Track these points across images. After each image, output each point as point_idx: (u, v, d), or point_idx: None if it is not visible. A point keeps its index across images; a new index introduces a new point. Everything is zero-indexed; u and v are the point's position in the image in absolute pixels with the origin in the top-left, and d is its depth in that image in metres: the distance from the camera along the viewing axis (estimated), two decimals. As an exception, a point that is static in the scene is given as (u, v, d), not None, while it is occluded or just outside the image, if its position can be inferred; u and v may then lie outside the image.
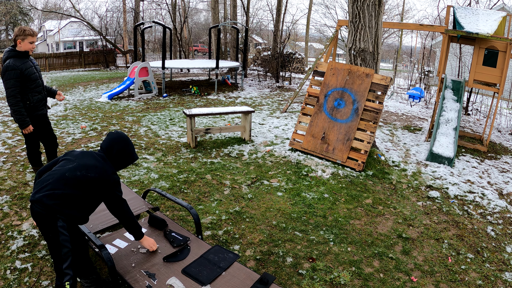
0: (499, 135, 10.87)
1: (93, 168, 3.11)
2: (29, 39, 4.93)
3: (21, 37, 4.88)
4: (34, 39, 5.03)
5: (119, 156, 3.37)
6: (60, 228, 2.93)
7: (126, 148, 3.40)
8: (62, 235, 2.94)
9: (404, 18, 40.39)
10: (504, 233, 5.19)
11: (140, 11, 31.47)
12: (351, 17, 7.33)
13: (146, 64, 13.62)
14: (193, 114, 7.59)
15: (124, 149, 3.39)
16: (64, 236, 2.94)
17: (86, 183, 3.06)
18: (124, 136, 3.43)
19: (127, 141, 3.42)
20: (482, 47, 8.97)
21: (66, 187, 2.99)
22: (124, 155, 3.40)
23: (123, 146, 3.38)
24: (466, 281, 4.09)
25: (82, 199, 3.06)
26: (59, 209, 2.94)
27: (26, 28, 4.94)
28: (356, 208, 5.58)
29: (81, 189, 3.04)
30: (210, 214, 5.14)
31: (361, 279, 4.00)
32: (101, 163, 3.20)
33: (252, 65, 25.96)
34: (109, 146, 3.34)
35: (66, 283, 2.98)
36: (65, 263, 2.98)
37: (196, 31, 51.68)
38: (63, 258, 2.98)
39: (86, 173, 3.07)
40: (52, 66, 26.23)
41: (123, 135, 3.44)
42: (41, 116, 5.29)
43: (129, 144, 3.44)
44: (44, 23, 52.77)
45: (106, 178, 3.16)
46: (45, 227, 2.98)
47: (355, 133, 7.15)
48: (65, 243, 2.95)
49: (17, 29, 4.92)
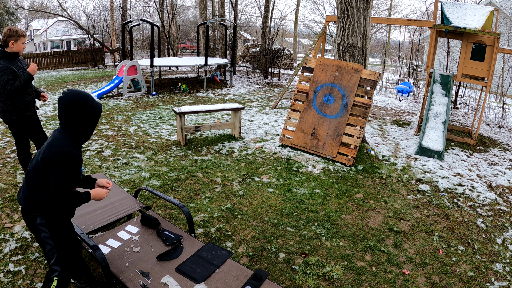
0: (488, 128, 10.98)
1: (46, 147, 2.77)
2: (22, 39, 4.92)
3: (14, 38, 4.84)
4: (25, 40, 5.03)
5: (79, 119, 2.81)
6: (39, 225, 2.89)
7: (83, 105, 2.80)
8: (42, 232, 2.91)
9: (392, 13, 40.55)
10: (494, 225, 5.25)
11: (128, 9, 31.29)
12: (340, 13, 7.35)
13: (134, 62, 13.55)
14: (182, 112, 7.57)
15: (82, 107, 2.80)
16: (44, 233, 2.91)
17: (41, 167, 2.75)
18: (73, 92, 2.80)
19: (79, 95, 2.81)
20: (470, 42, 9.04)
21: (33, 181, 2.81)
22: (84, 114, 2.82)
23: (79, 105, 2.79)
24: (458, 273, 4.14)
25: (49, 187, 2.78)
26: (33, 207, 2.86)
27: (18, 29, 4.90)
28: (347, 203, 5.62)
29: (42, 177, 2.76)
30: (202, 212, 5.14)
31: (353, 273, 4.03)
32: (54, 137, 2.80)
33: (241, 61, 25.93)
34: (64, 114, 2.80)
35: (54, 278, 2.98)
36: (52, 260, 2.98)
37: (184, 28, 51.49)
38: (49, 254, 2.98)
39: (41, 156, 2.76)
40: (39, 66, 25.95)
41: (72, 92, 2.81)
42: (31, 117, 5.26)
43: (84, 98, 2.82)
44: (31, 22, 52.28)
45: (52, 153, 2.71)
46: (30, 226, 2.97)
47: (344, 128, 7.19)
48: (46, 240, 2.92)
49: (7, 30, 4.83)
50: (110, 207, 4.31)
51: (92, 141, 7.80)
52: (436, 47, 9.66)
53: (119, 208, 4.32)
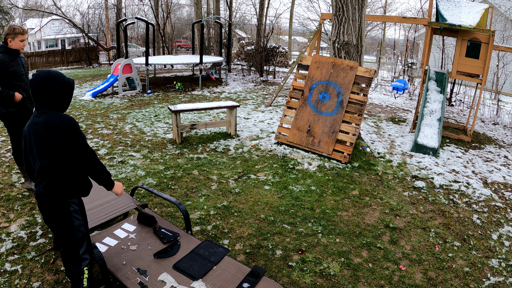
0: (483, 125, 11.02)
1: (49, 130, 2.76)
2: (19, 37, 5.02)
3: (11, 36, 4.95)
4: (24, 37, 5.11)
5: (56, 96, 2.84)
6: (73, 213, 2.92)
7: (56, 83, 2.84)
8: (76, 220, 2.94)
9: (387, 11, 40.63)
10: (490, 221, 5.28)
11: (123, 8, 31.17)
12: (335, 11, 7.35)
13: (129, 60, 13.52)
14: (178, 110, 7.56)
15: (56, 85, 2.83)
16: (78, 220, 2.95)
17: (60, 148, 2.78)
18: (42, 74, 2.83)
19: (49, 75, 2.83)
20: (464, 39, 9.08)
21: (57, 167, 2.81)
22: (60, 91, 2.85)
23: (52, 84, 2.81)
24: (454, 269, 4.16)
25: (70, 163, 2.86)
26: (65, 191, 2.85)
27: (16, 26, 5.02)
28: (343, 200, 5.63)
29: (66, 157, 2.82)
30: (198, 210, 5.14)
31: (350, 269, 4.04)
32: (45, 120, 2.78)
33: (236, 59, 25.94)
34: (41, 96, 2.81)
35: (85, 268, 2.98)
36: (82, 248, 2.98)
37: (179, 26, 51.39)
38: (79, 243, 2.97)
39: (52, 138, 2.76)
40: (34, 65, 25.82)
41: (41, 74, 2.83)
42: (28, 113, 5.34)
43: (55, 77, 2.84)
44: (25, 21, 51.98)
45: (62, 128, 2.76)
46: (56, 216, 2.90)
47: (340, 125, 7.20)
48: (79, 228, 2.96)
49: (7, 27, 4.96)
50: (107, 205, 4.31)
51: (88, 139, 7.78)
52: (431, 44, 9.69)
53: (116, 207, 4.31)
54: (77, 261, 3.01)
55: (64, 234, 3.00)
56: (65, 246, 3.07)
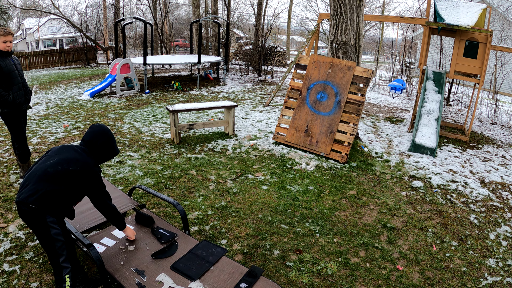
0: (481, 125, 11.04)
1: (74, 161, 3.08)
2: (1, 38, 5.04)
3: None
4: (8, 38, 5.14)
5: (102, 149, 3.34)
6: (50, 223, 2.95)
7: (108, 141, 3.38)
8: (53, 229, 2.96)
9: (386, 11, 40.63)
10: (487, 221, 5.29)
11: (121, 7, 31.15)
12: (333, 11, 7.36)
13: (127, 60, 13.50)
14: (176, 110, 7.56)
15: (107, 142, 3.37)
16: (56, 229, 2.97)
17: (68, 177, 3.03)
18: (106, 128, 3.41)
19: (109, 134, 3.40)
20: (462, 39, 9.09)
21: (49, 183, 2.96)
22: (107, 148, 3.38)
23: (105, 139, 3.36)
24: (451, 268, 4.17)
25: (65, 193, 3.04)
26: (44, 207, 2.93)
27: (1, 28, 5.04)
28: (341, 200, 5.63)
29: (64, 184, 3.02)
30: (196, 210, 5.14)
31: (347, 269, 4.05)
32: (82, 156, 3.17)
33: (234, 59, 25.91)
34: (92, 139, 3.31)
35: (66, 276, 2.99)
36: (61, 257, 3.01)
37: (177, 26, 51.32)
38: (58, 252, 3.00)
39: (67, 167, 3.04)
40: (32, 64, 25.82)
41: (105, 128, 3.41)
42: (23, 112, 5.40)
43: (111, 137, 3.42)
44: (23, 21, 51.89)
45: (87, 170, 3.12)
46: (35, 225, 2.97)
47: (338, 125, 7.21)
48: (57, 237, 2.98)
49: None
50: (104, 205, 4.30)
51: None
52: (429, 44, 9.70)
53: (113, 207, 4.31)
54: (57, 269, 3.05)
55: (43, 243, 3.07)
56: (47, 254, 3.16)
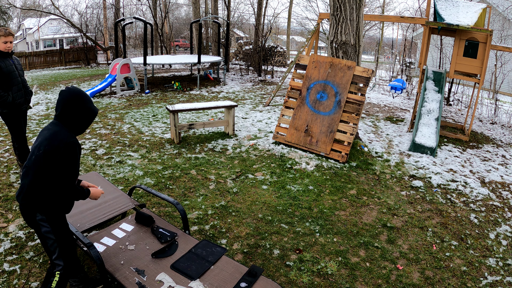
0: (481, 125, 11.04)
1: (46, 140, 2.81)
2: (1, 39, 5.04)
3: None
4: (8, 39, 5.15)
5: (76, 114, 2.92)
6: (39, 221, 2.93)
7: (81, 103, 2.93)
8: (43, 227, 2.95)
9: (385, 10, 40.63)
10: (487, 220, 5.29)
11: (121, 7, 31.16)
12: (333, 10, 7.36)
13: (127, 60, 13.50)
14: (176, 110, 7.57)
15: (80, 105, 2.92)
16: (45, 228, 2.95)
17: (45, 161, 2.78)
18: (76, 90, 2.95)
19: (80, 94, 2.94)
20: (462, 39, 9.09)
21: (32, 176, 2.82)
22: (82, 112, 2.94)
23: (77, 102, 2.91)
24: (451, 268, 4.17)
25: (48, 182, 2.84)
26: (32, 203, 2.89)
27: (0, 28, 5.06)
28: (341, 199, 5.64)
29: (44, 171, 2.80)
30: (196, 209, 5.14)
31: (347, 268, 4.05)
32: (54, 130, 2.86)
33: (234, 59, 25.91)
34: (62, 107, 2.90)
35: (56, 272, 3.00)
36: (54, 255, 3.02)
37: (177, 26, 51.33)
38: (50, 250, 3.01)
39: (43, 149, 2.78)
40: (32, 64, 25.82)
41: (75, 89, 2.95)
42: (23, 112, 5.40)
43: (83, 98, 2.95)
44: (23, 21, 51.90)
45: (56, 145, 2.78)
46: (29, 223, 2.99)
47: (338, 125, 7.21)
48: (47, 235, 2.97)
49: None
50: (105, 205, 4.31)
51: (85, 139, 7.78)
52: (429, 44, 9.70)
53: (114, 207, 4.32)
54: (52, 265, 3.08)
55: (40, 240, 3.10)
56: None
